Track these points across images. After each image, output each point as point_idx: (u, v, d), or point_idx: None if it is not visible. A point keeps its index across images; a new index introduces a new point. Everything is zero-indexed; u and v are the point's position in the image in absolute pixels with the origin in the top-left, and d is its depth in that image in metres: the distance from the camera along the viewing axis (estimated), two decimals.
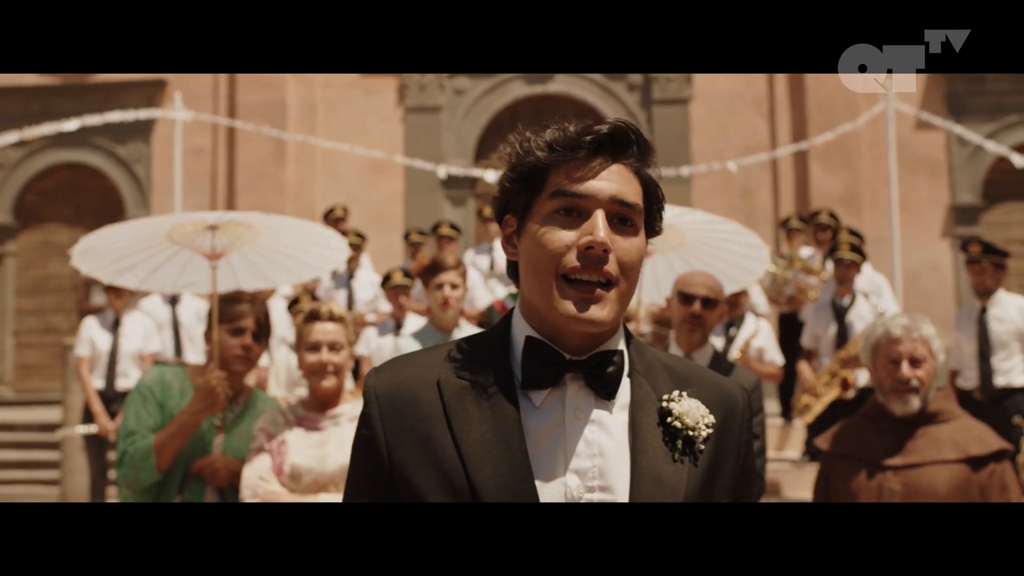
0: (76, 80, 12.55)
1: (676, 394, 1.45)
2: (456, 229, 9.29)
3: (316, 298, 7.36)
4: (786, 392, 8.63)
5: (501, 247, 1.55)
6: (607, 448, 1.41)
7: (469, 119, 12.60)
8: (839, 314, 7.34)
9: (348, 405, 3.37)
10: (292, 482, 3.21)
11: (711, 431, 1.44)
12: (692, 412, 1.44)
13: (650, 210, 1.47)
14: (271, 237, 3.91)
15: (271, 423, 3.30)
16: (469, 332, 4.38)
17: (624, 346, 1.48)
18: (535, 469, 1.38)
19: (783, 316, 8.99)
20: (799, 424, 8.05)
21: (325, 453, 3.21)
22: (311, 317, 3.38)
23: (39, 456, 10.00)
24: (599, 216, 1.40)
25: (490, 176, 9.45)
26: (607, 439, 1.41)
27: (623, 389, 1.45)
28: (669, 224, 4.38)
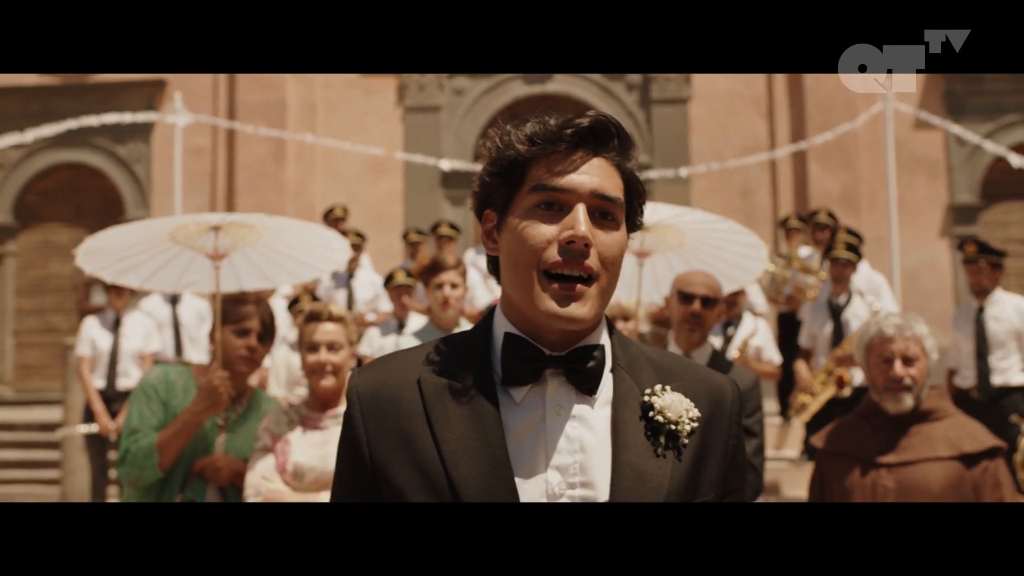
0: (76, 80, 12.55)
1: (659, 388, 1.43)
2: (455, 229, 9.28)
3: (316, 298, 7.36)
4: (784, 391, 8.64)
5: (482, 243, 1.52)
6: (588, 444, 1.39)
7: (468, 119, 12.60)
8: (835, 313, 7.35)
9: None
10: (295, 481, 3.24)
11: (696, 425, 1.41)
12: (675, 406, 1.41)
13: (631, 204, 1.45)
14: (273, 238, 3.92)
15: (275, 423, 3.32)
16: None
17: (607, 340, 1.46)
18: (516, 466, 1.36)
19: (781, 315, 9.00)
20: (797, 423, 8.05)
21: (327, 452, 3.23)
22: (312, 318, 3.40)
23: (39, 456, 10.00)
24: (580, 210, 1.38)
25: None
26: (588, 435, 1.39)
27: (606, 384, 1.43)
28: (668, 224, 4.42)
